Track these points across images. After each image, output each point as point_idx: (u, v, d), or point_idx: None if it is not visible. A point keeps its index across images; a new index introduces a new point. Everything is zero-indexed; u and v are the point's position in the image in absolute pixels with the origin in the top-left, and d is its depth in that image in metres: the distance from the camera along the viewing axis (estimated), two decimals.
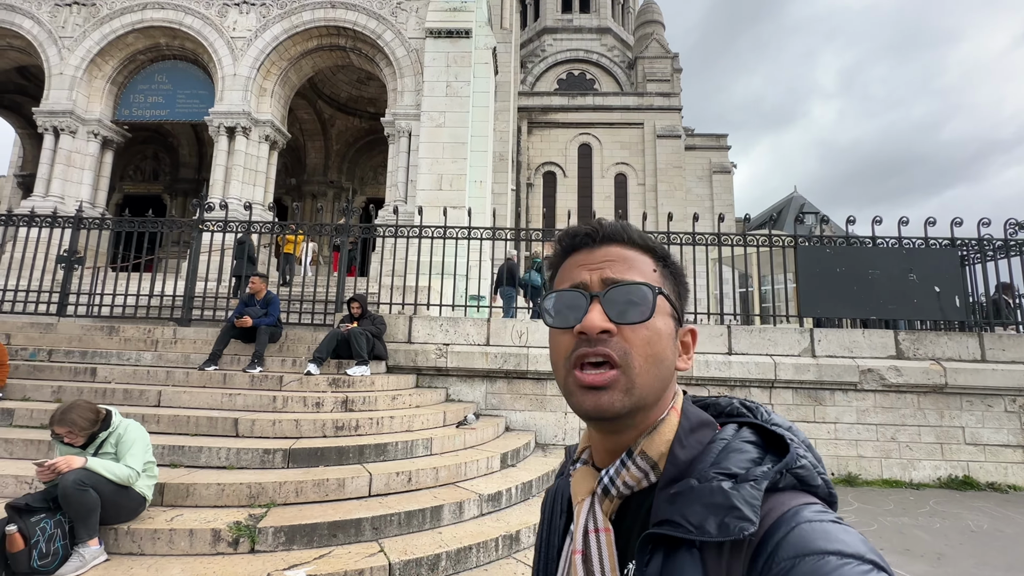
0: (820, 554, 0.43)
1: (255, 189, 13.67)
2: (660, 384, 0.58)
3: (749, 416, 0.60)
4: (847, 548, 0.43)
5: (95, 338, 5.95)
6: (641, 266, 0.60)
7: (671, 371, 0.59)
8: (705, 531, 0.48)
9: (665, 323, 0.58)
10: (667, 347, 0.58)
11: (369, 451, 4.03)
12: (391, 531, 3.28)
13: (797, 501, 0.49)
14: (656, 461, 0.56)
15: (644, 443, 0.57)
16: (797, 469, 0.52)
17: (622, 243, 0.62)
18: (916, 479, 5.62)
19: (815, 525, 0.46)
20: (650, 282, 0.59)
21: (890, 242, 6.25)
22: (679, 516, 0.50)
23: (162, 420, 4.12)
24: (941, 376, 5.68)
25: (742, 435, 0.55)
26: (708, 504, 0.49)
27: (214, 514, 3.15)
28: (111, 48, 14.13)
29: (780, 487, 0.51)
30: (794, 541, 0.45)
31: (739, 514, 0.47)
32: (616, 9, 33.58)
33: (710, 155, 28.44)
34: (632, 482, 0.57)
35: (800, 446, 0.54)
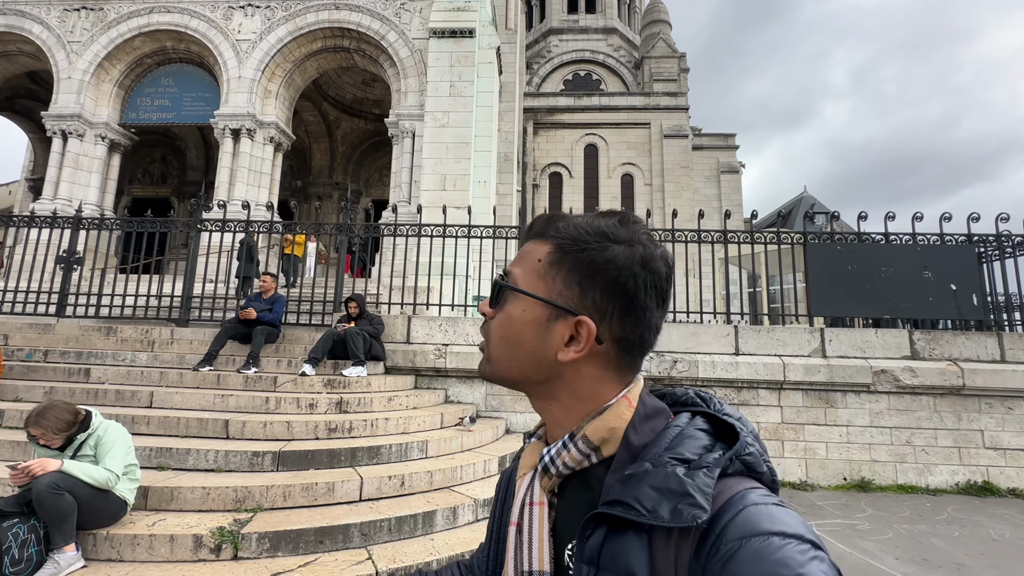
0: (764, 535, 0.45)
1: (260, 191, 13.68)
2: (523, 364, 0.62)
3: (702, 406, 0.61)
4: (788, 529, 0.46)
5: (92, 339, 5.90)
6: (529, 257, 0.63)
7: (537, 356, 0.60)
8: (658, 516, 0.49)
9: (524, 309, 0.61)
10: (520, 332, 0.61)
11: (362, 454, 3.91)
12: (381, 537, 3.16)
13: (743, 486, 0.51)
14: (598, 445, 0.57)
15: (587, 427, 0.58)
16: (745, 456, 0.54)
17: (533, 237, 0.65)
18: (933, 484, 5.40)
19: (760, 508, 0.48)
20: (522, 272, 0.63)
21: (904, 239, 6.04)
22: (631, 498, 0.50)
23: (152, 421, 4.04)
24: (958, 377, 5.46)
25: (695, 423, 0.58)
26: (662, 489, 0.50)
27: (198, 519, 3.05)
28: (118, 52, 14.24)
29: (728, 472, 0.53)
30: (740, 523, 0.47)
31: (692, 501, 0.48)
32: (622, 9, 33.41)
33: (718, 155, 28.15)
34: (572, 463, 0.58)
35: (748, 435, 0.56)
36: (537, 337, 0.60)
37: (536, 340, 0.60)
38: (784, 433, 5.55)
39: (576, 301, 0.59)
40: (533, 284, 0.61)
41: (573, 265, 0.60)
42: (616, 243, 0.59)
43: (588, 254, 0.60)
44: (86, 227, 6.61)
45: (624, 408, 0.59)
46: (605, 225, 0.61)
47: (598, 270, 0.59)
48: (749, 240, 6.16)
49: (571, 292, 0.60)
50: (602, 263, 0.59)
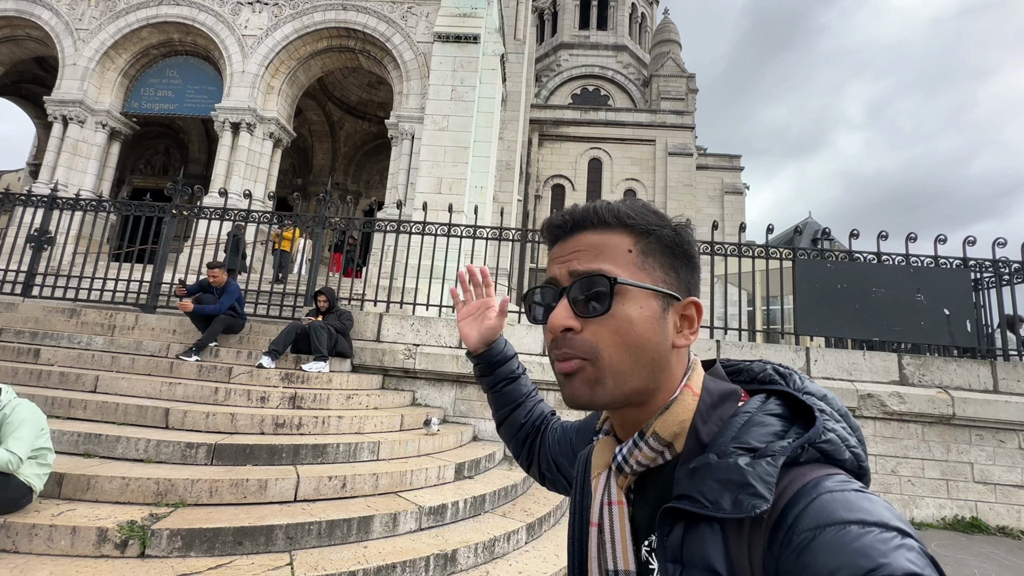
0: (842, 524, 0.42)
1: (256, 184, 13.60)
2: (645, 369, 0.57)
3: (781, 384, 0.58)
4: (869, 516, 0.42)
5: (53, 320, 5.73)
6: (612, 250, 0.59)
7: (659, 352, 0.57)
8: (720, 507, 0.48)
9: (642, 306, 0.57)
10: (644, 332, 0.57)
11: (306, 452, 3.69)
12: (308, 542, 2.93)
13: (818, 473, 0.48)
14: (670, 441, 0.56)
15: (656, 424, 0.56)
16: (822, 443, 0.50)
17: (593, 227, 0.60)
18: (918, 518, 5.11)
19: (836, 495, 0.45)
20: (616, 267, 0.58)
21: (897, 259, 5.82)
22: (696, 492, 0.49)
23: (89, 406, 3.83)
24: (948, 406, 5.20)
25: (768, 407, 0.54)
26: (723, 480, 0.48)
27: (110, 511, 2.83)
28: (125, 41, 14.31)
29: (801, 461, 0.50)
30: (814, 512, 0.44)
31: (752, 491, 0.47)
32: (633, 27, 33.66)
33: (722, 175, 28.10)
34: (646, 461, 0.57)
35: (830, 418, 0.53)
36: (660, 332, 0.58)
37: (659, 335, 0.57)
38: None
39: (676, 284, 0.59)
40: (636, 276, 0.58)
41: (663, 249, 0.59)
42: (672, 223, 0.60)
43: (669, 236, 0.59)
44: (60, 207, 6.48)
45: (689, 398, 0.57)
46: (652, 207, 0.61)
47: (680, 251, 0.59)
48: (736, 253, 5.96)
49: (670, 277, 0.59)
50: (679, 243, 0.59)
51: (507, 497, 4.24)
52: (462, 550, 3.16)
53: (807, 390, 0.56)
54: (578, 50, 32.14)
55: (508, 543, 3.51)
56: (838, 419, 0.53)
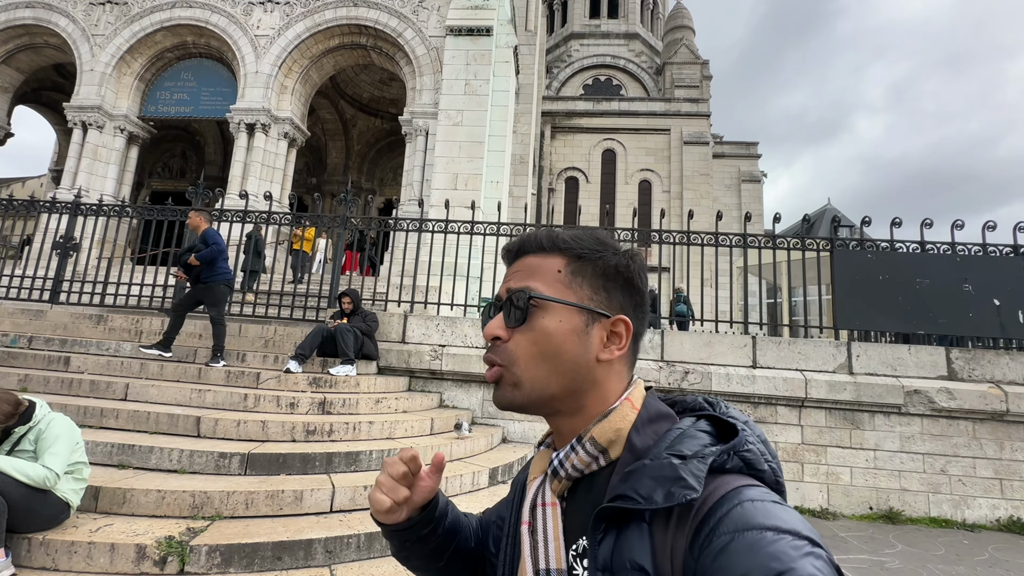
0: (758, 529, 0.45)
1: (272, 185, 13.62)
2: (563, 377, 0.61)
3: (708, 409, 0.62)
4: (784, 524, 0.46)
5: (81, 327, 5.74)
6: (543, 271, 0.64)
7: (579, 363, 0.61)
8: (652, 500, 0.50)
9: (561, 320, 0.61)
10: (562, 343, 0.61)
11: (339, 459, 3.61)
12: (347, 555, 2.85)
13: (741, 482, 0.52)
14: (605, 447, 0.59)
15: (594, 430, 0.60)
16: (744, 452, 0.54)
17: (534, 252, 0.67)
18: (970, 519, 4.89)
19: (756, 504, 0.48)
20: (543, 286, 0.63)
21: (942, 248, 5.55)
22: (630, 490, 0.52)
23: (121, 415, 3.79)
24: (1001, 401, 4.95)
25: (698, 425, 0.58)
26: (656, 477, 0.51)
27: (148, 525, 2.77)
28: (140, 46, 14.39)
29: (727, 467, 0.53)
30: (735, 517, 0.47)
31: (684, 483, 0.50)
32: (645, 14, 33.05)
33: (739, 163, 27.53)
34: (580, 465, 0.60)
35: (751, 435, 0.57)
36: (579, 344, 0.61)
37: (579, 347, 0.61)
38: (804, 455, 5.10)
39: (606, 303, 0.63)
40: (563, 294, 0.63)
41: (595, 271, 0.64)
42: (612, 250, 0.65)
43: (604, 260, 0.64)
44: (84, 213, 6.49)
45: (628, 410, 0.61)
46: (597, 235, 0.67)
47: (615, 273, 0.64)
48: (771, 245, 5.74)
49: (599, 296, 0.63)
50: (614, 267, 0.64)
51: None
52: None
53: (730, 414, 0.60)
54: (589, 40, 31.66)
55: None
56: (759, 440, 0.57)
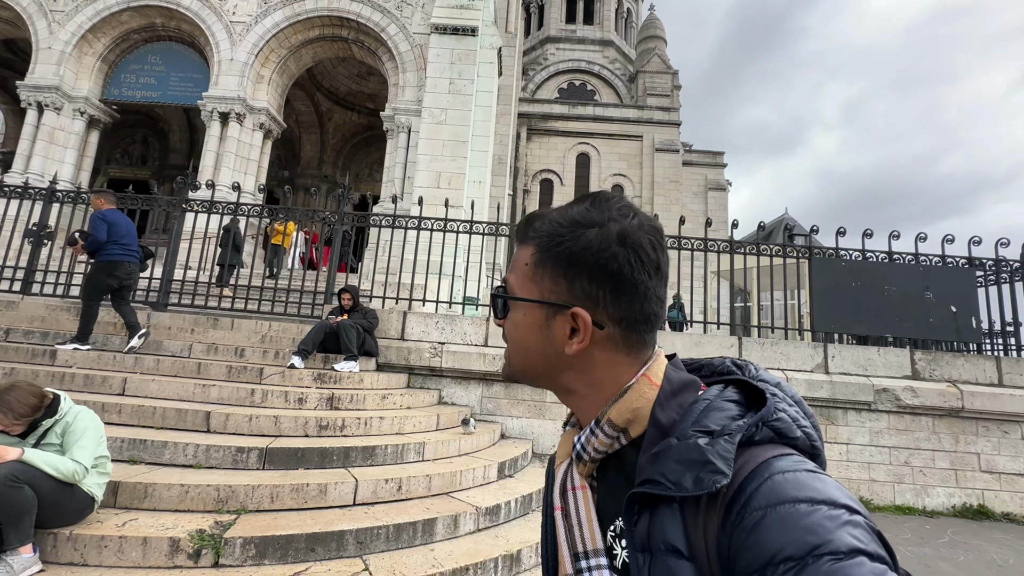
0: (791, 502, 0.44)
1: (246, 177, 13.21)
2: (538, 366, 0.63)
3: (737, 373, 0.60)
4: (818, 495, 0.44)
5: (60, 319, 5.47)
6: (518, 263, 0.64)
7: (547, 356, 0.62)
8: (682, 487, 0.48)
9: (524, 314, 0.62)
10: (525, 336, 0.62)
11: (356, 454, 3.64)
12: (377, 546, 2.90)
13: (772, 453, 0.50)
14: (624, 427, 0.57)
15: (610, 412, 0.58)
16: (774, 422, 0.52)
17: (520, 241, 0.66)
18: (930, 506, 5.35)
19: (787, 476, 0.46)
20: (514, 279, 0.64)
21: (907, 258, 6.04)
22: (658, 474, 0.50)
23: (124, 410, 3.69)
24: (958, 399, 5.45)
25: (725, 394, 0.56)
26: (684, 460, 0.50)
27: (174, 520, 2.74)
28: (104, 25, 13.66)
29: (756, 440, 0.51)
30: (766, 491, 0.45)
31: (712, 468, 0.48)
32: (619, 23, 33.77)
33: (706, 171, 28.54)
34: (602, 447, 0.59)
35: (782, 400, 0.55)
36: (542, 337, 0.61)
37: (541, 340, 0.61)
38: None
39: (566, 294, 0.60)
40: (526, 288, 0.62)
41: (555, 260, 0.60)
42: (589, 227, 0.59)
43: (565, 247, 0.60)
44: (60, 200, 6.17)
45: (646, 387, 0.58)
46: (577, 212, 0.61)
47: (577, 259, 0.59)
48: (755, 252, 6.08)
49: (559, 287, 0.60)
50: (579, 252, 0.59)
51: None
52: (525, 550, 3.18)
53: (761, 378, 0.58)
54: (565, 44, 32.09)
55: None
56: (791, 403, 0.55)
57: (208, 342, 5.14)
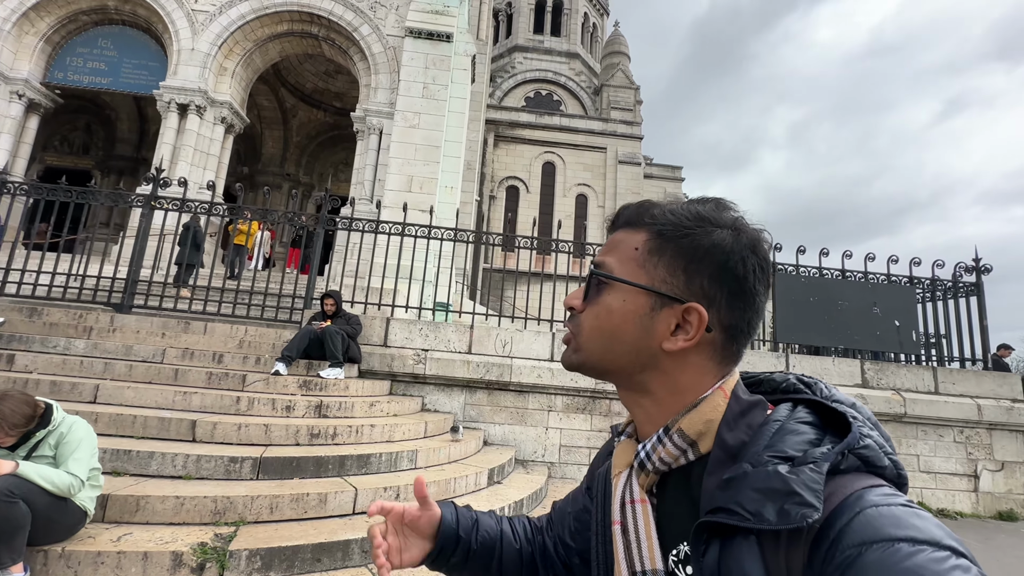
0: (890, 541, 0.40)
1: (205, 173, 12.65)
2: (621, 357, 0.59)
3: (807, 392, 0.57)
4: (920, 534, 0.40)
5: (12, 320, 5.07)
6: (623, 246, 0.61)
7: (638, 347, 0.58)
8: (763, 519, 0.45)
9: (625, 299, 0.59)
10: (620, 323, 0.59)
11: (351, 462, 3.61)
12: None
13: (861, 484, 0.46)
14: (695, 440, 0.54)
15: (682, 421, 0.55)
16: (861, 449, 0.49)
17: (625, 225, 0.63)
18: None
19: (882, 510, 0.43)
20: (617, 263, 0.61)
21: (857, 276, 6.57)
22: (734, 504, 0.47)
23: (101, 419, 3.50)
24: (901, 406, 5.97)
25: (797, 415, 0.53)
26: (764, 490, 0.46)
27: (171, 533, 2.65)
28: (49, 4, 12.77)
29: (842, 469, 0.48)
30: (860, 527, 0.42)
31: (800, 500, 0.44)
32: (585, 36, 34.62)
33: (666, 185, 29.66)
34: (669, 459, 0.56)
35: (864, 424, 0.52)
36: (640, 327, 0.58)
37: (639, 330, 0.58)
38: None
39: (682, 288, 0.57)
40: (633, 272, 0.59)
41: (676, 251, 0.58)
42: (720, 228, 0.58)
43: (692, 239, 0.58)
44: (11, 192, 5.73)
45: (720, 399, 0.56)
46: (705, 210, 0.59)
47: (704, 255, 0.57)
48: None
49: (676, 279, 0.58)
50: (708, 248, 0.57)
51: (537, 499, 4.37)
52: None
53: (835, 398, 0.55)
54: (532, 54, 32.56)
55: None
56: (871, 427, 0.52)
57: (181, 347, 4.92)
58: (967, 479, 6.03)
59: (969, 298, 6.62)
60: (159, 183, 5.98)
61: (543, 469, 5.33)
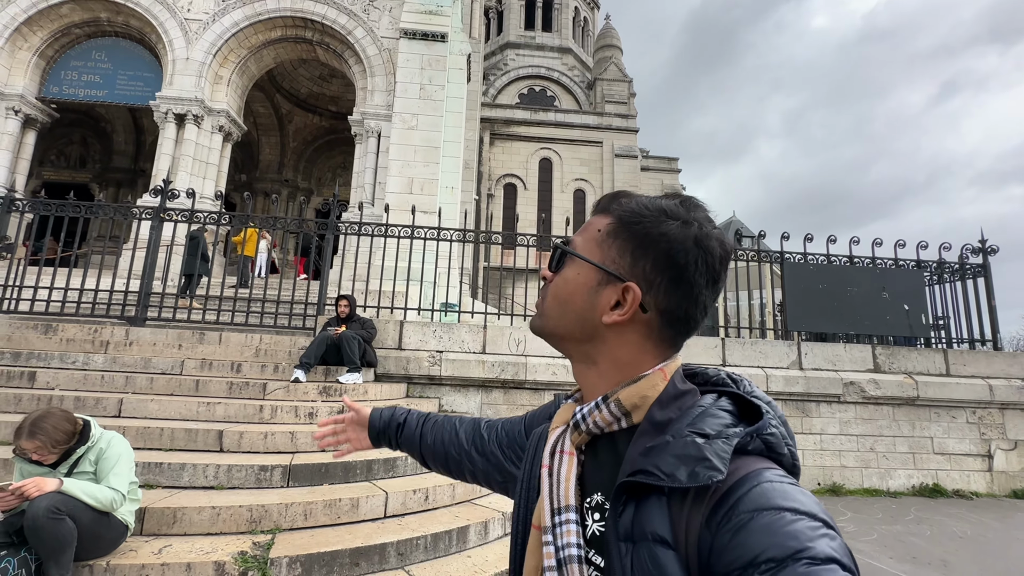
0: (777, 509, 0.47)
1: (205, 182, 12.64)
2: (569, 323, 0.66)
3: (732, 387, 0.62)
4: (802, 507, 0.48)
5: (29, 337, 5.09)
6: (590, 227, 0.68)
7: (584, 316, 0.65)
8: (675, 479, 0.51)
9: (579, 273, 0.65)
10: (572, 292, 0.66)
11: (378, 466, 3.64)
12: (417, 556, 2.94)
13: (761, 464, 0.53)
14: (629, 411, 0.60)
15: (621, 393, 0.61)
16: (767, 435, 0.56)
17: (598, 212, 0.69)
18: (892, 488, 5.87)
19: (775, 485, 0.50)
20: (581, 240, 0.67)
21: (865, 262, 6.60)
22: (652, 466, 0.53)
23: (128, 433, 3.50)
24: (913, 389, 6.01)
25: (720, 403, 0.59)
26: (680, 455, 0.52)
27: (211, 543, 2.68)
28: (41, 18, 12.73)
29: (748, 450, 0.55)
30: (754, 497, 0.49)
31: (708, 464, 0.51)
32: (576, 31, 34.54)
33: (663, 177, 29.65)
34: (602, 423, 0.62)
35: (774, 418, 0.58)
36: (586, 298, 0.64)
37: (585, 301, 0.64)
38: None
39: (627, 269, 0.63)
40: (590, 250, 0.66)
41: (628, 236, 0.63)
42: (672, 219, 0.62)
43: (643, 226, 0.63)
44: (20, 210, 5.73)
45: (659, 380, 0.61)
46: (665, 204, 0.65)
47: (651, 242, 0.62)
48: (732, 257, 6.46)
49: (623, 260, 0.63)
50: (655, 236, 0.62)
51: None
52: None
53: (754, 394, 0.61)
54: (524, 50, 32.48)
55: None
56: (779, 423, 0.59)
57: (199, 358, 4.94)
58: (981, 459, 6.08)
59: (976, 279, 6.66)
60: (167, 195, 5.98)
61: None
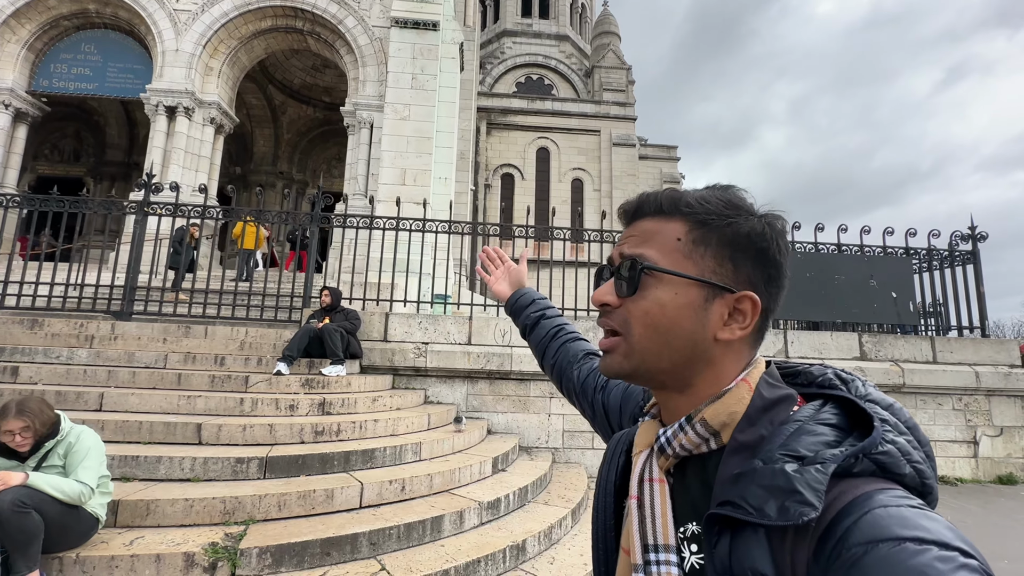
0: (896, 540, 0.39)
1: (197, 175, 12.61)
2: (676, 353, 0.57)
3: (841, 389, 0.55)
4: (927, 535, 0.39)
5: (13, 332, 5.12)
6: (661, 237, 0.60)
7: (694, 340, 0.57)
8: (765, 514, 0.45)
9: (677, 292, 0.57)
10: (675, 317, 0.57)
11: (355, 458, 3.67)
12: (390, 546, 2.97)
13: (872, 486, 0.46)
14: (717, 430, 0.55)
15: (706, 411, 0.55)
16: (877, 454, 0.47)
17: (652, 215, 0.61)
18: None
19: (891, 510, 0.42)
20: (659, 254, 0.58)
21: (853, 250, 6.57)
22: (739, 498, 0.47)
23: (107, 426, 3.55)
24: (900, 376, 6.02)
25: (821, 414, 0.52)
26: (768, 486, 0.46)
27: (182, 535, 2.71)
28: (29, 10, 12.62)
29: (855, 472, 0.47)
30: (866, 526, 0.41)
31: (800, 498, 0.44)
32: (574, 17, 34.12)
33: (661, 165, 29.49)
34: (689, 446, 0.56)
35: (892, 429, 0.50)
36: (695, 320, 0.57)
37: (694, 323, 0.57)
38: None
39: (731, 277, 0.57)
40: (679, 263, 0.58)
41: (720, 240, 0.57)
42: (752, 215, 0.58)
43: (734, 227, 0.57)
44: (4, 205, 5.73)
45: (744, 392, 0.55)
46: (734, 196, 0.60)
47: (745, 243, 0.57)
48: None
49: (724, 269, 0.57)
50: (748, 234, 0.57)
51: (541, 486, 4.44)
52: (529, 540, 3.33)
53: (870, 397, 0.53)
54: (521, 38, 32.12)
55: (561, 528, 3.72)
56: (903, 431, 0.50)
57: (183, 351, 4.97)
58: (967, 445, 6.10)
59: (966, 266, 6.64)
60: (151, 188, 5.97)
61: (547, 455, 5.40)
